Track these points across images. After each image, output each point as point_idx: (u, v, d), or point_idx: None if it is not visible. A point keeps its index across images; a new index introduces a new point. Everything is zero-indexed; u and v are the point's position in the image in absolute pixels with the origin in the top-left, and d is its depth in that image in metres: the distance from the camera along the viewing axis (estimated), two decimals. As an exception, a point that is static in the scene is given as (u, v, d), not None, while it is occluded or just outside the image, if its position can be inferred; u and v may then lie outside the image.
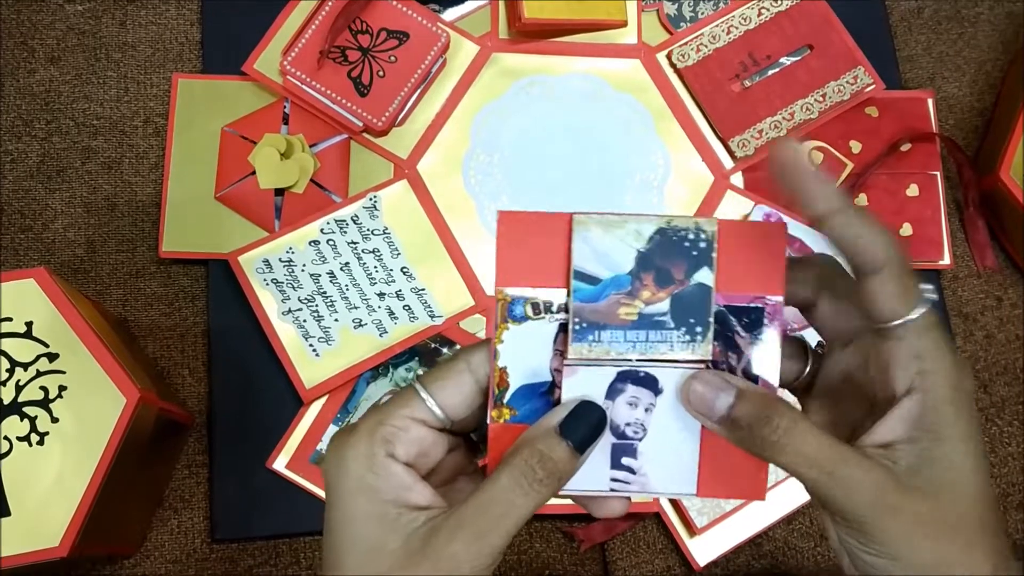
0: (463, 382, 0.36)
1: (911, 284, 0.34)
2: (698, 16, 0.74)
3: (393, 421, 0.35)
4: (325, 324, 0.66)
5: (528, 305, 0.34)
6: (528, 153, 0.71)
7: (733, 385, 0.35)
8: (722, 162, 0.72)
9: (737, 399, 0.34)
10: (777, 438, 0.33)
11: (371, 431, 0.35)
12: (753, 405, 0.34)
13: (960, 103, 0.78)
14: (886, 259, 0.34)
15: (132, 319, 0.68)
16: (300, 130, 0.69)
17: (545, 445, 0.34)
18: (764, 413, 0.34)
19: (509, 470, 0.34)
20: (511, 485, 0.33)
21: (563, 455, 0.34)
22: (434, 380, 0.36)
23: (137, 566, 0.64)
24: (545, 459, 0.34)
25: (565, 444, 0.34)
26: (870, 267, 0.34)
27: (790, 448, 0.33)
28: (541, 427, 0.34)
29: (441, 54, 0.70)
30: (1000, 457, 0.70)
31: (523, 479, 0.33)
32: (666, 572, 0.66)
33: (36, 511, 0.51)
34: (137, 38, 0.73)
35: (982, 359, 0.72)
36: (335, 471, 0.35)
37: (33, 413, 0.52)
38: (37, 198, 0.69)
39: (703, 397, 0.35)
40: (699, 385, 0.35)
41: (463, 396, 0.36)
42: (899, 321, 0.34)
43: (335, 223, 0.67)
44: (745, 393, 0.35)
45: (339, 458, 0.35)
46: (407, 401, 0.35)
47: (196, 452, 0.66)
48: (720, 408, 0.34)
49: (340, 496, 0.34)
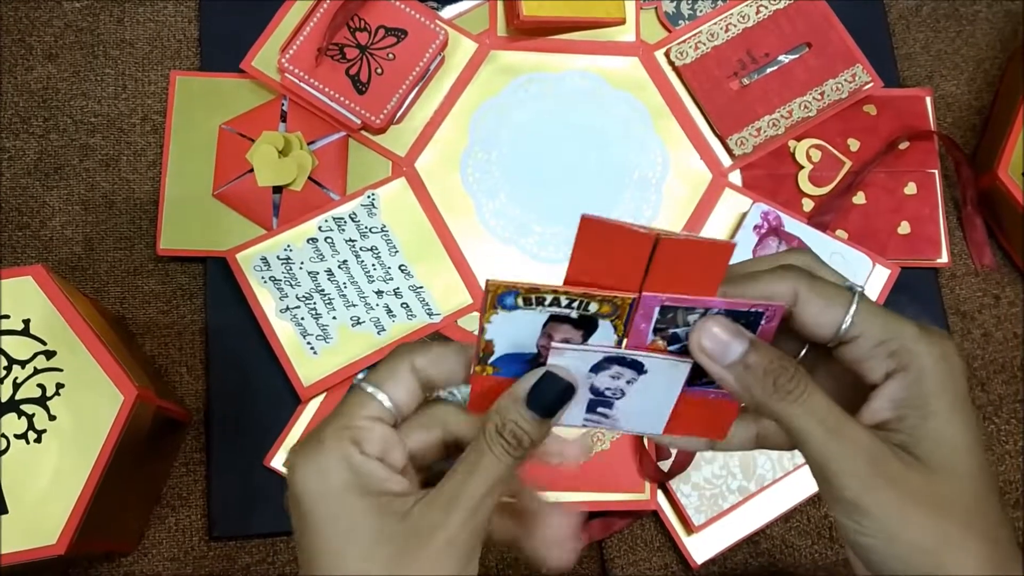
0: (408, 380, 0.37)
1: (830, 292, 0.35)
2: (696, 14, 0.74)
3: (357, 423, 0.36)
4: (323, 322, 0.66)
5: (520, 298, 0.34)
6: (526, 151, 0.71)
7: (746, 334, 0.34)
8: (720, 160, 0.72)
9: (752, 346, 0.34)
10: (792, 388, 0.33)
11: (339, 436, 0.35)
12: (768, 355, 0.34)
13: (958, 101, 0.78)
14: (791, 289, 0.35)
15: (130, 317, 0.68)
16: (298, 128, 0.69)
17: (514, 414, 0.35)
18: (782, 362, 0.34)
19: (487, 440, 0.35)
20: (489, 454, 0.35)
21: (531, 425, 0.35)
22: (382, 380, 0.37)
23: (135, 564, 0.64)
24: (515, 429, 0.35)
25: (531, 414, 0.35)
26: (788, 304, 0.35)
27: (804, 400, 0.33)
28: (511, 395, 0.35)
29: (439, 52, 0.70)
30: (997, 455, 0.70)
31: (499, 447, 0.35)
32: (663, 570, 0.66)
33: (34, 509, 0.51)
34: (135, 35, 0.73)
35: (980, 357, 0.72)
36: (315, 477, 0.35)
37: (31, 411, 0.52)
38: (35, 195, 0.69)
39: (718, 338, 0.34)
40: (716, 327, 0.34)
41: (409, 394, 0.37)
42: (844, 326, 0.35)
43: (333, 221, 0.67)
44: (757, 343, 0.34)
45: (316, 465, 0.35)
46: (362, 402, 0.36)
47: (194, 450, 0.66)
48: (734, 352, 0.34)
49: (325, 498, 0.35)
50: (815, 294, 0.35)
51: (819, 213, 0.71)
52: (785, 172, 0.72)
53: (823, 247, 0.69)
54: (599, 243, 0.32)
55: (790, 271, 0.35)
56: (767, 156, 0.72)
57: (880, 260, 0.69)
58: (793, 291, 0.35)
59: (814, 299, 0.35)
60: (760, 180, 0.72)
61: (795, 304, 0.35)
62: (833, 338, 0.35)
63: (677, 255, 0.33)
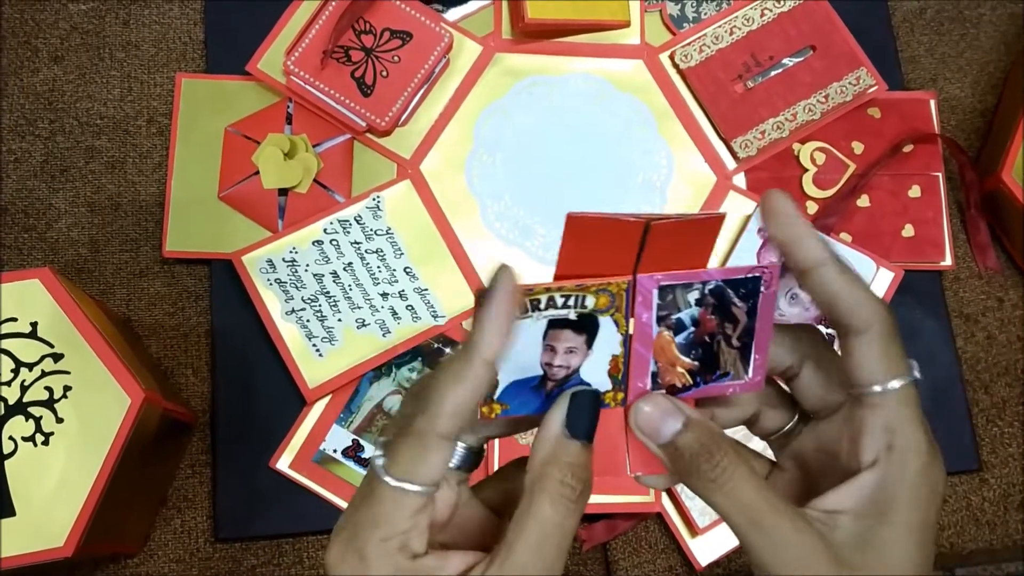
0: (436, 452, 0.31)
1: (896, 352, 0.33)
2: (701, 17, 0.74)
3: (400, 527, 0.32)
4: (328, 324, 0.66)
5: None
6: (531, 153, 0.71)
7: (683, 412, 0.33)
8: (725, 163, 0.72)
9: (684, 427, 0.33)
10: (715, 476, 0.32)
11: (384, 550, 0.32)
12: (698, 436, 0.33)
13: (962, 104, 0.78)
14: (871, 321, 0.33)
15: (136, 319, 0.68)
16: (303, 130, 0.69)
17: (567, 455, 0.32)
18: (708, 447, 0.33)
19: (549, 498, 0.32)
20: (555, 511, 0.32)
21: (582, 456, 0.33)
22: (410, 468, 0.31)
23: (140, 566, 0.64)
24: (575, 468, 0.32)
25: (578, 443, 0.33)
26: (854, 328, 0.33)
27: (726, 489, 0.32)
28: (548, 438, 0.33)
29: (444, 54, 0.70)
30: (1001, 458, 0.70)
31: (565, 500, 0.32)
32: (668, 572, 0.66)
33: (41, 511, 0.51)
34: (140, 37, 0.73)
35: (983, 360, 0.72)
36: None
37: (38, 413, 0.52)
38: (41, 198, 0.69)
39: (650, 419, 0.34)
40: (648, 407, 0.34)
41: (441, 464, 0.32)
42: (877, 388, 0.33)
43: (338, 223, 0.68)
44: (693, 422, 0.33)
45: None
46: (397, 502, 0.31)
47: (199, 452, 0.66)
48: (666, 433, 0.33)
49: None
50: (883, 344, 0.33)
51: (823, 216, 0.71)
52: (789, 175, 0.72)
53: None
54: (588, 239, 0.32)
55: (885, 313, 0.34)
56: (771, 159, 0.72)
57: (884, 263, 0.69)
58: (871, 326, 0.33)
59: (877, 347, 0.33)
60: (764, 183, 0.72)
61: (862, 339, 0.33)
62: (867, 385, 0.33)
63: (668, 237, 0.32)
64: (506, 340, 0.31)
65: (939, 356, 0.71)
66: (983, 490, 0.70)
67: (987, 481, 0.70)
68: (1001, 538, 0.69)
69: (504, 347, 0.31)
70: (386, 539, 0.31)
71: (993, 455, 0.70)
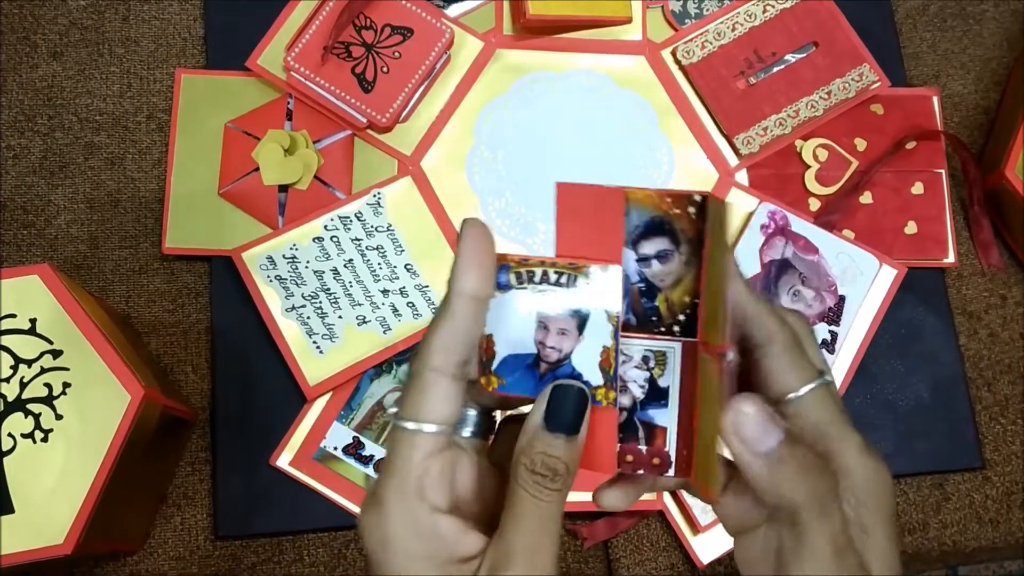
0: (442, 390, 0.33)
1: (802, 362, 0.34)
2: (703, 13, 0.74)
3: (415, 472, 0.33)
4: (329, 321, 0.66)
5: (512, 274, 0.34)
6: (532, 150, 0.71)
7: (780, 422, 0.33)
8: (727, 159, 0.72)
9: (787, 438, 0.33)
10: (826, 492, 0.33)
11: (401, 495, 0.33)
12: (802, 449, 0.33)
13: (965, 101, 0.78)
14: (773, 333, 0.34)
15: (135, 316, 0.68)
16: (304, 126, 0.69)
17: (541, 446, 0.33)
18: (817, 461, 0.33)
19: (518, 481, 0.33)
20: (530, 498, 0.33)
21: (561, 448, 0.33)
22: (418, 408, 0.33)
23: (140, 563, 0.64)
24: (546, 460, 0.33)
25: (556, 436, 0.33)
26: (758, 340, 0.34)
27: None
28: (529, 427, 0.34)
29: (445, 50, 0.70)
30: (1004, 456, 0.70)
31: (537, 487, 0.33)
32: (669, 570, 0.66)
33: (40, 508, 0.51)
34: (140, 33, 0.73)
35: (986, 357, 0.72)
36: (381, 547, 0.33)
37: (37, 410, 0.52)
38: (40, 194, 0.69)
39: (753, 423, 0.33)
40: (750, 407, 0.33)
41: (451, 401, 0.34)
42: (792, 395, 0.34)
43: (339, 220, 0.67)
44: (792, 435, 0.33)
45: (381, 533, 0.33)
46: (411, 444, 0.33)
47: (199, 449, 0.66)
48: (771, 440, 0.33)
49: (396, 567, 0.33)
50: (789, 353, 0.34)
51: (826, 213, 0.71)
52: (792, 172, 0.72)
53: (830, 247, 0.69)
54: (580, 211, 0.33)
55: (786, 324, 0.35)
56: (774, 156, 0.72)
57: (887, 260, 0.69)
58: (773, 337, 0.34)
59: (785, 357, 0.34)
60: (767, 180, 0.72)
61: (767, 351, 0.35)
62: (780, 395, 0.34)
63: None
64: (481, 275, 0.33)
65: (942, 354, 0.71)
66: (986, 488, 0.69)
67: (990, 479, 0.70)
68: (1004, 536, 0.69)
69: (480, 282, 0.33)
70: (401, 484, 0.33)
71: (996, 453, 0.70)
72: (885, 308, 0.69)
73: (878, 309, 0.69)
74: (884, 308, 0.69)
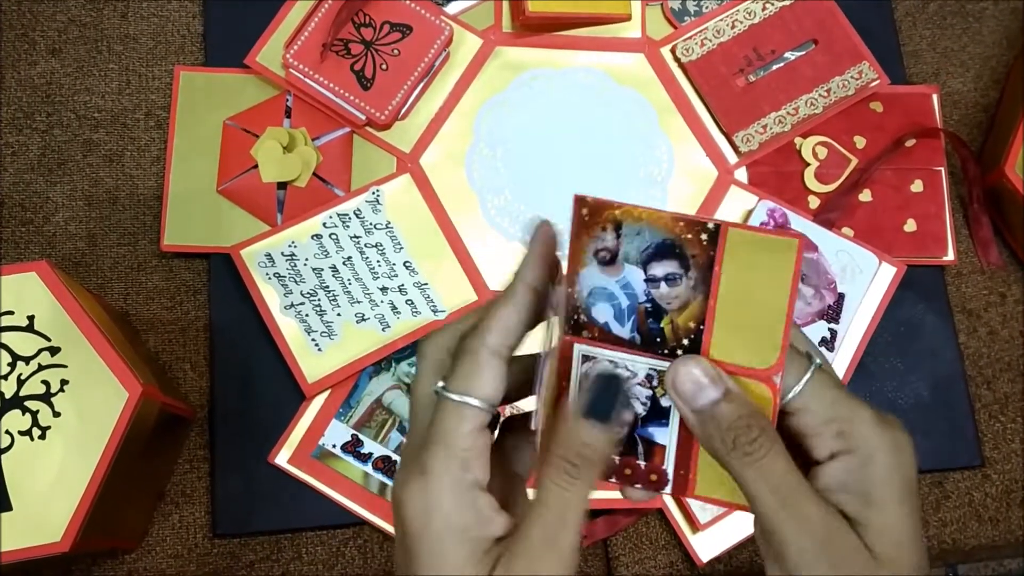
0: (490, 368, 0.34)
1: (792, 355, 0.34)
2: (702, 10, 0.74)
3: (462, 444, 0.34)
4: (327, 318, 0.66)
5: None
6: (531, 147, 0.71)
7: (723, 381, 0.34)
8: (726, 157, 0.72)
9: (724, 396, 0.34)
10: (752, 450, 0.33)
11: (447, 465, 0.33)
12: (738, 408, 0.33)
13: (965, 99, 0.78)
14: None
15: (133, 313, 0.68)
16: (302, 123, 0.69)
17: (578, 436, 0.33)
18: (747, 420, 0.33)
19: (550, 472, 0.33)
20: (557, 486, 0.33)
21: (596, 438, 0.33)
22: (467, 383, 0.34)
23: (138, 561, 0.64)
24: (582, 449, 0.33)
25: (591, 425, 0.33)
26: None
27: (759, 464, 0.33)
28: (569, 416, 0.34)
29: (444, 47, 0.70)
30: (1004, 454, 0.70)
31: (565, 475, 0.33)
32: (669, 568, 0.66)
33: (38, 506, 0.51)
34: (139, 30, 0.72)
35: (985, 356, 0.72)
36: (422, 516, 0.33)
37: (35, 407, 0.52)
38: (38, 191, 0.69)
39: (692, 381, 0.34)
40: (694, 368, 0.34)
41: (497, 380, 0.34)
42: (791, 394, 0.34)
43: (338, 217, 0.67)
44: (734, 394, 0.34)
45: (423, 502, 0.33)
46: (460, 416, 0.34)
47: (198, 447, 0.66)
48: (704, 398, 0.34)
49: (429, 541, 0.33)
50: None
51: (825, 210, 0.71)
52: (791, 169, 0.72)
53: (829, 245, 0.68)
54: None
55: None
56: (773, 153, 0.72)
57: (886, 258, 0.69)
58: None
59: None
60: (766, 177, 0.72)
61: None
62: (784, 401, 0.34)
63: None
64: (542, 270, 0.35)
65: (941, 352, 0.71)
66: (985, 486, 0.69)
67: (989, 477, 0.70)
68: (1004, 534, 0.69)
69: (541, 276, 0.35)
70: (449, 455, 0.33)
71: (996, 451, 0.70)
72: (884, 306, 0.69)
73: (877, 307, 0.69)
74: (883, 306, 0.69)
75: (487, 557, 0.33)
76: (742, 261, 0.34)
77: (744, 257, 0.34)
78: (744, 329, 0.34)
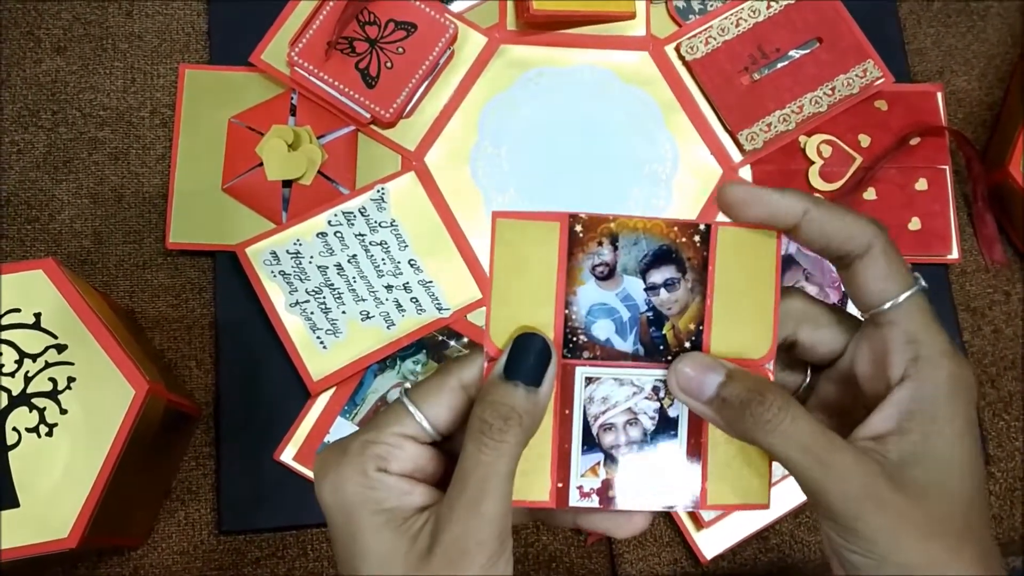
0: (455, 399, 0.35)
1: (899, 267, 0.34)
2: (707, 8, 0.74)
3: (384, 439, 0.35)
4: (332, 316, 0.66)
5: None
6: (536, 145, 0.71)
7: (722, 365, 0.34)
8: (731, 155, 0.72)
9: (727, 378, 0.34)
10: (770, 417, 0.33)
11: (361, 449, 0.34)
12: (744, 383, 0.34)
13: (969, 97, 0.78)
14: (870, 241, 0.34)
15: (139, 311, 0.68)
16: (307, 121, 0.69)
17: (494, 395, 0.33)
18: (757, 391, 0.33)
19: (469, 434, 0.33)
20: (476, 448, 0.33)
21: (515, 397, 0.33)
22: (425, 395, 0.35)
23: (144, 557, 0.64)
24: (497, 406, 0.33)
25: (513, 385, 0.33)
26: (855, 252, 0.34)
27: (782, 428, 0.33)
28: (488, 379, 0.34)
29: (449, 45, 0.70)
30: (1007, 452, 0.70)
31: (483, 436, 0.33)
32: (673, 565, 0.66)
33: (45, 502, 0.51)
34: (144, 28, 0.73)
35: (989, 354, 0.72)
36: (331, 490, 0.34)
37: (42, 404, 0.52)
38: (43, 189, 0.69)
39: (691, 378, 0.34)
40: (687, 366, 0.34)
41: (454, 412, 0.35)
42: (888, 304, 0.34)
43: (343, 215, 0.67)
44: (735, 373, 0.34)
45: (334, 477, 0.34)
46: (398, 418, 0.35)
47: (203, 444, 0.66)
48: (710, 388, 0.34)
49: (342, 513, 0.34)
50: (886, 259, 0.34)
51: (829, 209, 0.71)
52: (796, 168, 0.72)
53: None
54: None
55: (882, 228, 0.35)
56: (777, 151, 0.72)
57: (891, 256, 0.69)
58: (872, 243, 0.34)
59: (883, 263, 0.34)
60: (770, 175, 0.72)
61: (865, 260, 0.34)
62: (880, 303, 0.34)
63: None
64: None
65: (945, 350, 0.71)
66: (989, 484, 0.69)
67: (993, 475, 0.70)
68: (1007, 532, 0.69)
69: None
70: (368, 442, 0.34)
71: (1000, 449, 0.70)
72: (889, 304, 0.69)
73: (882, 305, 0.69)
74: (888, 304, 0.69)
75: (407, 524, 0.34)
76: (731, 257, 0.35)
77: (733, 253, 0.35)
78: (739, 322, 0.35)
